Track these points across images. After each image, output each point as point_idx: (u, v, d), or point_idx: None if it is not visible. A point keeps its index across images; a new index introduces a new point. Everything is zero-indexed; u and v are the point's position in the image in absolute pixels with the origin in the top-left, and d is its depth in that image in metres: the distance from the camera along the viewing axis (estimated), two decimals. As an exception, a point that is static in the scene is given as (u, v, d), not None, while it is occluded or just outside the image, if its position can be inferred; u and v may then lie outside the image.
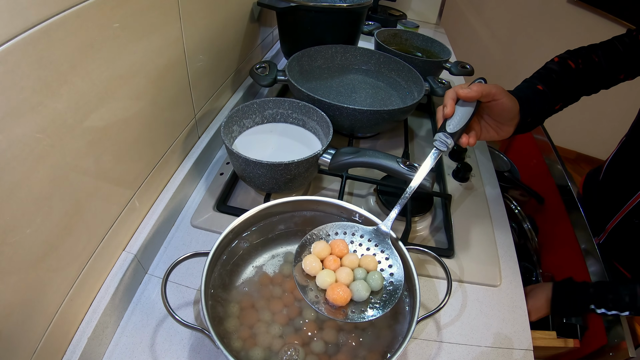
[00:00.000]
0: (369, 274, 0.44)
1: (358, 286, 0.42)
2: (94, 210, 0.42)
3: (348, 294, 0.41)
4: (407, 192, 0.48)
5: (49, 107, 0.32)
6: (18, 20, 0.28)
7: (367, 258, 0.45)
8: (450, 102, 0.48)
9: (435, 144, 0.47)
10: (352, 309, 0.41)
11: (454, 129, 0.47)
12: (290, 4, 0.79)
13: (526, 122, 0.55)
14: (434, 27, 1.54)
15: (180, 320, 0.40)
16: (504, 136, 0.54)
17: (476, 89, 0.47)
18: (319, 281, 0.43)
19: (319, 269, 0.44)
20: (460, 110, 0.48)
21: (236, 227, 0.46)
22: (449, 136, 0.47)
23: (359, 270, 0.44)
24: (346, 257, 0.45)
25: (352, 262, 0.44)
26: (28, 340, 0.35)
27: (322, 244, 0.45)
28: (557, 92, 0.57)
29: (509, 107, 0.50)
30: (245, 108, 0.64)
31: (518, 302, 0.56)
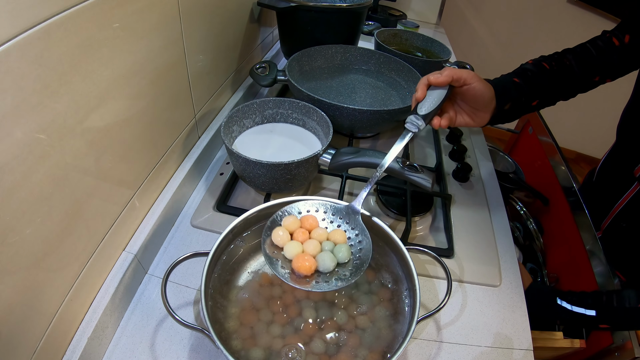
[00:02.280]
0: (337, 246, 0.45)
1: (324, 257, 0.43)
2: (94, 210, 0.42)
3: (313, 264, 0.42)
4: (377, 172, 0.48)
5: (49, 107, 0.32)
6: (18, 20, 0.28)
7: (336, 232, 0.46)
8: (422, 87, 0.49)
9: (407, 125, 0.49)
10: (317, 280, 0.42)
11: (425, 111, 0.49)
12: (290, 4, 0.79)
13: (503, 109, 0.56)
14: (434, 27, 1.54)
15: (180, 320, 0.40)
16: (480, 123, 0.55)
17: (446, 74, 0.48)
18: (287, 251, 0.44)
19: (288, 240, 0.45)
20: (431, 94, 0.49)
21: (236, 227, 0.46)
22: (419, 118, 0.48)
23: (327, 243, 0.45)
24: (315, 230, 0.46)
25: (321, 235, 0.46)
26: (28, 340, 0.35)
27: (292, 218, 0.47)
28: (533, 88, 0.57)
29: (482, 92, 0.51)
30: (245, 108, 0.64)
31: (518, 302, 0.56)
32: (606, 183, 0.77)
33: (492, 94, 0.53)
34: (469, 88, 0.51)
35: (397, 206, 0.64)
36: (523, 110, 0.59)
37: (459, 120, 0.55)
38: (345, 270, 0.43)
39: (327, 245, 0.45)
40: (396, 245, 0.47)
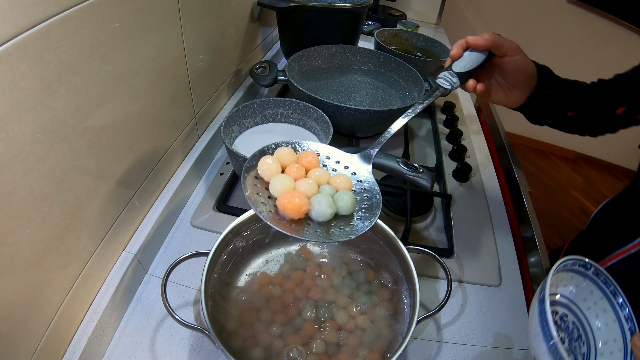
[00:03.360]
0: (339, 192, 0.35)
1: (320, 199, 0.33)
2: (94, 210, 0.42)
3: (304, 204, 0.32)
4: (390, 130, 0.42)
5: (49, 107, 0.32)
6: (18, 20, 0.28)
7: (340, 176, 0.36)
8: (457, 46, 0.46)
9: (439, 80, 0.44)
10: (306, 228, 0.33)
11: (461, 69, 0.44)
12: (290, 4, 0.79)
13: (542, 95, 0.50)
14: (434, 27, 1.54)
15: (180, 320, 0.40)
16: (515, 102, 0.50)
17: (487, 37, 0.44)
18: (273, 186, 0.34)
19: (276, 172, 0.35)
20: (469, 56, 0.45)
21: (236, 227, 0.46)
22: (455, 75, 0.44)
23: (326, 187, 0.36)
24: (314, 170, 0.36)
25: (320, 176, 0.36)
26: (28, 340, 0.35)
27: (287, 150, 0.37)
28: (571, 94, 0.52)
29: (523, 67, 0.47)
30: (245, 108, 0.64)
31: (518, 302, 0.56)
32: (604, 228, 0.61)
33: (533, 72, 0.48)
34: (510, 60, 0.46)
35: (397, 206, 0.64)
36: (559, 112, 0.52)
37: (493, 95, 0.51)
38: (346, 223, 0.34)
39: (326, 189, 0.35)
40: (396, 245, 0.47)
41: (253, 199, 0.33)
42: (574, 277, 0.44)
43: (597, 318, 0.42)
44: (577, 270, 0.43)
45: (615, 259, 0.52)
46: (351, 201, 0.34)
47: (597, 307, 0.43)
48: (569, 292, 0.44)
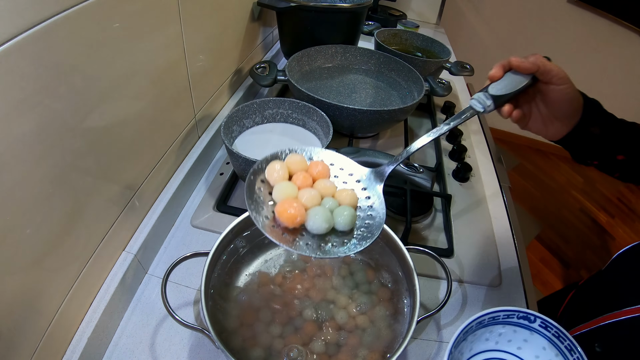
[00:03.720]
0: (340, 207, 0.35)
1: (317, 212, 0.33)
2: (94, 210, 0.42)
3: (300, 214, 0.32)
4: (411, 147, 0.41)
5: (49, 107, 0.32)
6: (18, 20, 0.28)
7: (346, 191, 0.36)
8: (498, 66, 0.41)
9: (471, 102, 0.41)
10: (299, 239, 0.33)
11: (498, 92, 0.40)
12: (290, 4, 0.79)
13: (588, 131, 0.44)
14: (434, 27, 1.54)
15: (180, 320, 0.40)
16: (553, 135, 0.45)
17: (532, 60, 0.39)
18: (275, 192, 0.34)
19: (283, 179, 0.35)
20: (509, 78, 0.41)
21: (236, 227, 0.46)
22: (489, 97, 0.40)
23: (329, 200, 0.35)
24: (321, 181, 0.36)
25: (326, 188, 0.35)
26: (28, 340, 0.35)
27: (299, 157, 0.37)
28: (624, 137, 0.46)
29: (568, 98, 0.42)
30: (245, 108, 0.64)
31: (518, 302, 0.56)
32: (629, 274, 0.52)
33: (579, 105, 0.43)
34: (554, 89, 0.41)
35: (397, 206, 0.64)
36: (605, 154, 0.47)
37: (532, 124, 0.46)
38: (340, 240, 0.34)
39: (328, 203, 0.35)
40: (396, 245, 0.47)
41: (253, 201, 0.33)
42: (517, 331, 0.40)
43: None
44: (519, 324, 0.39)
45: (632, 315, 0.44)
46: (350, 218, 0.34)
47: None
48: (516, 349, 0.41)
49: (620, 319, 0.44)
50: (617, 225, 2.08)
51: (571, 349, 0.37)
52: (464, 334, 0.39)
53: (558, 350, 0.38)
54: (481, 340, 0.41)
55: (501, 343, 0.42)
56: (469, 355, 0.41)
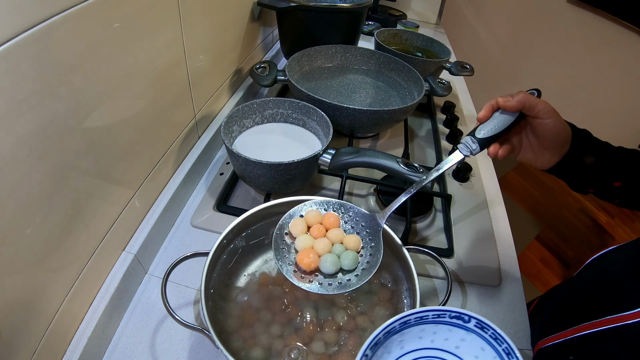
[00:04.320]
0: (345, 252, 0.44)
1: (327, 259, 0.42)
2: (94, 210, 0.42)
3: (314, 262, 0.42)
4: (412, 189, 0.47)
5: (49, 107, 0.32)
6: (18, 20, 0.28)
7: (352, 237, 0.45)
8: (487, 107, 0.44)
9: (459, 146, 0.45)
10: (315, 279, 0.42)
11: (484, 135, 0.44)
12: (290, 4, 0.79)
13: (580, 161, 0.46)
14: (434, 27, 1.54)
15: (180, 320, 0.40)
16: (543, 164, 0.47)
17: (518, 99, 0.41)
18: (297, 242, 0.44)
19: (303, 232, 0.45)
20: (497, 118, 0.44)
21: (236, 227, 0.46)
22: (475, 141, 0.44)
23: (338, 246, 0.44)
24: (332, 230, 0.45)
25: (336, 236, 0.45)
26: (28, 340, 0.35)
27: (315, 212, 0.47)
28: (620, 164, 0.46)
29: (554, 131, 0.43)
30: (245, 108, 0.64)
31: (518, 302, 0.56)
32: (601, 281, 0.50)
33: (567, 136, 0.44)
34: (541, 122, 0.43)
35: (397, 206, 0.64)
36: (601, 182, 0.47)
37: (522, 154, 0.47)
38: (346, 276, 0.43)
39: (337, 249, 0.44)
40: (396, 245, 0.47)
41: (279, 252, 0.43)
42: (452, 331, 0.39)
43: None
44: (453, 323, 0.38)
45: (607, 326, 0.42)
46: (353, 260, 0.43)
47: None
48: (454, 348, 0.39)
49: (594, 330, 0.43)
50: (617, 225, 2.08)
51: (509, 353, 0.35)
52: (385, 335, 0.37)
53: (496, 353, 0.37)
54: (414, 339, 0.39)
55: (437, 342, 0.40)
56: (400, 353, 0.40)
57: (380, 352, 0.38)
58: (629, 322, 0.39)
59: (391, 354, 0.39)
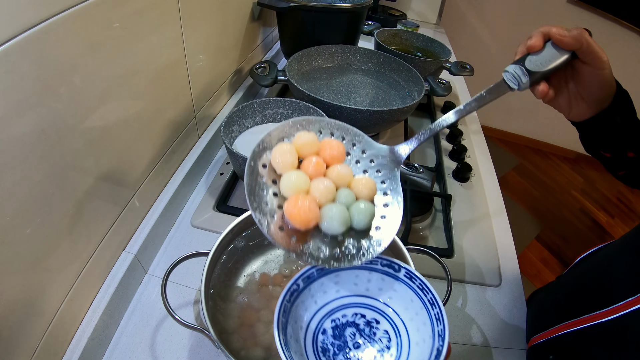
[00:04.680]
0: (357, 202, 0.31)
1: (332, 211, 0.29)
2: (94, 210, 0.42)
3: (313, 215, 0.29)
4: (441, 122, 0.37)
5: (49, 107, 0.32)
6: (18, 20, 0.28)
7: (364, 180, 0.32)
8: (538, 35, 0.37)
9: (506, 75, 0.37)
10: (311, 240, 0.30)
11: (536, 67, 0.36)
12: (290, 4, 0.79)
13: (612, 120, 0.41)
14: (434, 27, 1.54)
15: (180, 320, 0.40)
16: (575, 115, 0.42)
17: (576, 35, 0.35)
18: (283, 184, 0.30)
19: (292, 166, 0.30)
20: (549, 51, 0.36)
21: (236, 227, 0.46)
22: (526, 73, 0.36)
23: (344, 191, 0.31)
24: (336, 166, 0.31)
25: (342, 176, 0.31)
26: (28, 340, 0.35)
27: (310, 136, 0.32)
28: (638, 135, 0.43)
29: (603, 84, 0.38)
30: (245, 108, 0.64)
31: (518, 302, 0.56)
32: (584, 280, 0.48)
33: (612, 91, 0.40)
34: (592, 71, 0.37)
35: (397, 206, 0.64)
36: (617, 148, 0.44)
37: (556, 100, 0.42)
38: (355, 240, 0.31)
39: (343, 196, 0.31)
40: (396, 245, 0.47)
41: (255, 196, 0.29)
42: (385, 280, 0.38)
43: (418, 332, 0.36)
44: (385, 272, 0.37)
45: (583, 325, 0.41)
46: (370, 216, 0.30)
47: (418, 320, 0.37)
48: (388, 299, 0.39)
49: (574, 329, 0.42)
50: (617, 225, 2.08)
51: (433, 303, 0.35)
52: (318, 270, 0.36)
53: (423, 304, 0.37)
54: (349, 284, 0.39)
55: (372, 291, 0.39)
56: (336, 295, 0.39)
57: (315, 288, 0.38)
58: (602, 320, 0.38)
59: (327, 293, 0.39)
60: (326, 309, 0.39)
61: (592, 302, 0.41)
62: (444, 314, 0.34)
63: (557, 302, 0.50)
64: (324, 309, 0.39)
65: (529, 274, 1.72)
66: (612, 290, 0.39)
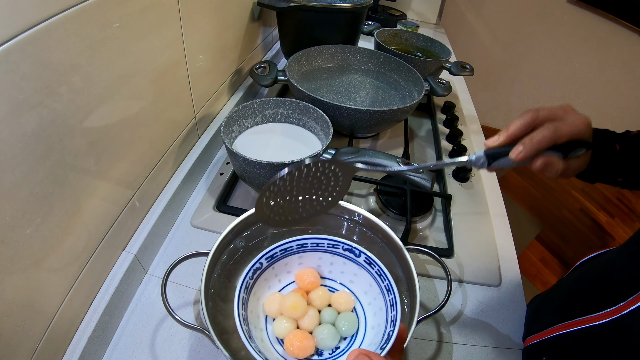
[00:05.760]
0: (340, 315, 0.38)
1: (324, 333, 0.37)
2: (94, 210, 0.42)
3: (310, 345, 0.36)
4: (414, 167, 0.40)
5: (49, 107, 0.32)
6: (18, 20, 0.28)
7: (341, 296, 0.39)
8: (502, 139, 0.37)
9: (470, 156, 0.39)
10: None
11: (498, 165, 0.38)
12: (290, 4, 0.79)
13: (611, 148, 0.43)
14: (434, 27, 1.54)
15: (180, 320, 0.40)
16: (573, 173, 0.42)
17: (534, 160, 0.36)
18: (276, 331, 0.38)
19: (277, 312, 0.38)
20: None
21: (236, 227, 0.46)
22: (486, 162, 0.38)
23: (327, 311, 0.38)
24: (315, 292, 0.39)
25: (322, 299, 0.38)
26: (28, 340, 0.35)
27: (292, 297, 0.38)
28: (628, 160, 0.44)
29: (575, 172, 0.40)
30: (245, 108, 0.64)
31: (518, 302, 0.56)
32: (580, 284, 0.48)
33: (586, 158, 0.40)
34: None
35: (397, 206, 0.64)
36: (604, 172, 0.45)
37: None
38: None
39: (327, 315, 0.38)
40: (396, 245, 0.47)
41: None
42: (347, 264, 0.39)
43: (375, 316, 0.38)
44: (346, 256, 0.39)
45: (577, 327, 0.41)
46: (352, 323, 0.37)
47: (375, 304, 0.38)
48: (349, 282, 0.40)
49: (568, 330, 0.42)
50: (617, 225, 2.08)
51: (388, 289, 0.37)
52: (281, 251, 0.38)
53: (380, 289, 0.38)
54: (313, 265, 0.40)
55: (334, 273, 0.41)
56: None
57: (279, 267, 0.40)
58: (596, 323, 0.39)
59: (290, 273, 0.41)
60: (290, 287, 0.41)
61: (589, 305, 0.41)
62: (397, 301, 0.35)
63: (554, 304, 0.51)
64: (287, 288, 0.41)
65: (529, 274, 1.72)
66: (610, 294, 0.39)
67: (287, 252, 0.39)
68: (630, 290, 0.36)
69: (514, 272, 0.60)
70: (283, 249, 0.38)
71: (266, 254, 0.37)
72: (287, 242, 0.38)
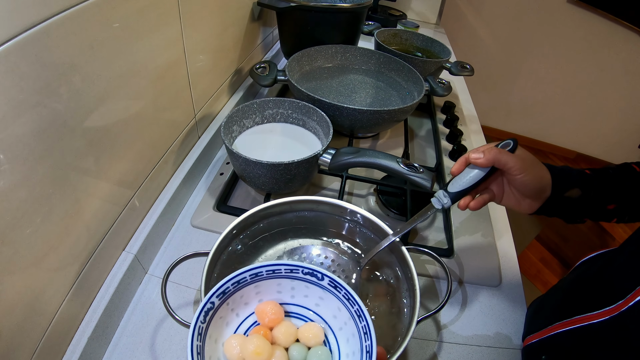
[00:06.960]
0: (311, 351, 0.35)
1: None
2: (94, 210, 0.42)
3: None
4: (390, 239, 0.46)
5: (49, 107, 0.32)
6: (18, 20, 0.28)
7: (309, 329, 0.36)
8: (460, 161, 0.45)
9: (432, 200, 0.46)
10: None
11: (455, 189, 0.45)
12: (290, 4, 0.79)
13: (563, 197, 0.45)
14: (434, 27, 1.54)
15: (180, 320, 0.40)
16: (526, 210, 0.46)
17: (488, 157, 0.42)
18: None
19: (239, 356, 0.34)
20: (468, 172, 0.44)
21: (236, 227, 0.46)
22: (447, 195, 0.45)
23: (295, 349, 0.35)
24: (278, 328, 0.36)
25: (287, 335, 0.35)
26: (28, 340, 0.35)
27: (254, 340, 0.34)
28: (609, 186, 0.45)
29: (530, 184, 0.43)
30: (245, 108, 0.64)
31: (518, 302, 0.56)
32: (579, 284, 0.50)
33: (544, 184, 0.44)
34: (514, 177, 0.43)
35: (397, 206, 0.64)
36: (593, 210, 0.46)
37: (505, 200, 0.47)
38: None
39: (296, 351, 0.35)
40: (396, 245, 0.47)
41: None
42: (310, 288, 0.37)
43: (348, 343, 0.35)
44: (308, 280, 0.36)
45: (575, 325, 0.42)
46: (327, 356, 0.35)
47: (347, 330, 0.35)
48: (315, 305, 0.38)
49: (567, 329, 0.43)
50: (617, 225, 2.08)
51: (360, 315, 0.34)
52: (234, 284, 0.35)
53: (350, 314, 0.35)
54: (271, 292, 0.37)
55: (297, 298, 0.38)
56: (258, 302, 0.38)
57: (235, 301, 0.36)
58: (594, 321, 0.39)
59: (249, 305, 0.38)
60: (251, 319, 0.38)
61: (588, 303, 0.41)
62: (371, 329, 0.32)
63: (553, 304, 0.51)
64: (248, 320, 0.38)
65: (529, 274, 1.72)
66: (608, 292, 0.40)
67: (241, 284, 0.35)
68: (628, 288, 0.36)
69: (514, 272, 0.60)
70: (235, 282, 0.35)
71: (216, 291, 0.34)
72: (238, 274, 0.34)
